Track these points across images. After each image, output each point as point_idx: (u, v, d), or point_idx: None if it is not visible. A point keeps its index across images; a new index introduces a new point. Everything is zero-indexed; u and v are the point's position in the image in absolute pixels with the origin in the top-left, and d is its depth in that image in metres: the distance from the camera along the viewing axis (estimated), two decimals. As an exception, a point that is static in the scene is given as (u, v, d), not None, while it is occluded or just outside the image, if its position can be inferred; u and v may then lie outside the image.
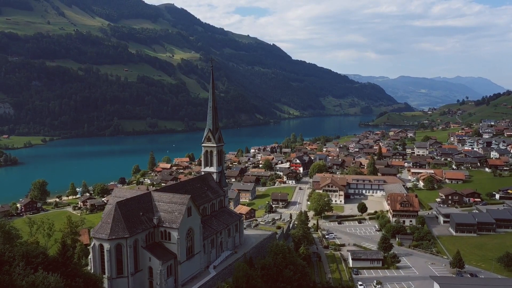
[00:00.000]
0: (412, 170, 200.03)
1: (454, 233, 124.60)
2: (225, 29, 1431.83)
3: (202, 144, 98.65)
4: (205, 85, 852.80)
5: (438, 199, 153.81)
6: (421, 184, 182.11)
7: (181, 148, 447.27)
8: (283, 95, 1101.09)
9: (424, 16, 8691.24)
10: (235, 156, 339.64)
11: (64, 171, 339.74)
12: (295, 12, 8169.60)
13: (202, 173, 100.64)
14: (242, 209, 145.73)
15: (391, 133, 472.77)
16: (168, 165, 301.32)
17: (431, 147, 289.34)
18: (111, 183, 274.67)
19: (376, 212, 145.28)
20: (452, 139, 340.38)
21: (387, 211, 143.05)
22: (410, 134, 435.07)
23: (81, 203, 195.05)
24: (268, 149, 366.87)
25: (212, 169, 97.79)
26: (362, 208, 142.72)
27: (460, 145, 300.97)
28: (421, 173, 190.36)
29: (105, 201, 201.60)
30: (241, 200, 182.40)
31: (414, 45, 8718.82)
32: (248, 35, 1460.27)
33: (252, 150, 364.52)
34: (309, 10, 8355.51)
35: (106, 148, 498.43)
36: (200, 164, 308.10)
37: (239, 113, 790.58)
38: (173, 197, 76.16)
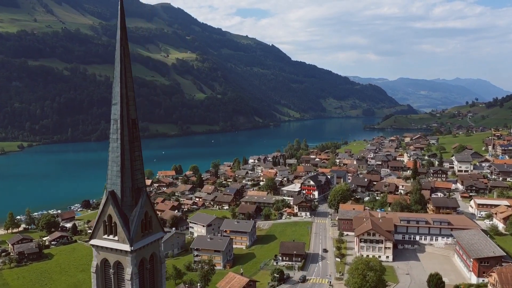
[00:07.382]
0: (478, 201, 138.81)
1: None
2: (226, 30, 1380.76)
3: (91, 243, 29.56)
4: (201, 86, 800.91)
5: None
6: (499, 224, 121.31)
7: (171, 156, 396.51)
8: (283, 97, 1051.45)
9: (425, 18, 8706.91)
10: (231, 169, 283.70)
11: (24, 187, 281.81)
12: (296, 14, 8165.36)
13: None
14: (234, 283, 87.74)
15: (406, 139, 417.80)
16: (149, 181, 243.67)
17: (473, 159, 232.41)
18: (74, 206, 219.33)
19: None
20: (490, 149, 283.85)
21: (479, 287, 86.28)
22: (432, 141, 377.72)
23: (11, 246, 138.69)
24: (270, 159, 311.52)
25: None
26: (437, 283, 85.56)
27: (507, 158, 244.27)
28: (496, 206, 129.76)
29: (48, 242, 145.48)
30: (234, 246, 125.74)
31: (415, 46, 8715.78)
32: (247, 36, 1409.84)
33: (251, 161, 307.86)
34: (310, 11, 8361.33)
35: (89, 156, 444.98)
36: (187, 181, 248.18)
37: (237, 116, 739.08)
38: None
